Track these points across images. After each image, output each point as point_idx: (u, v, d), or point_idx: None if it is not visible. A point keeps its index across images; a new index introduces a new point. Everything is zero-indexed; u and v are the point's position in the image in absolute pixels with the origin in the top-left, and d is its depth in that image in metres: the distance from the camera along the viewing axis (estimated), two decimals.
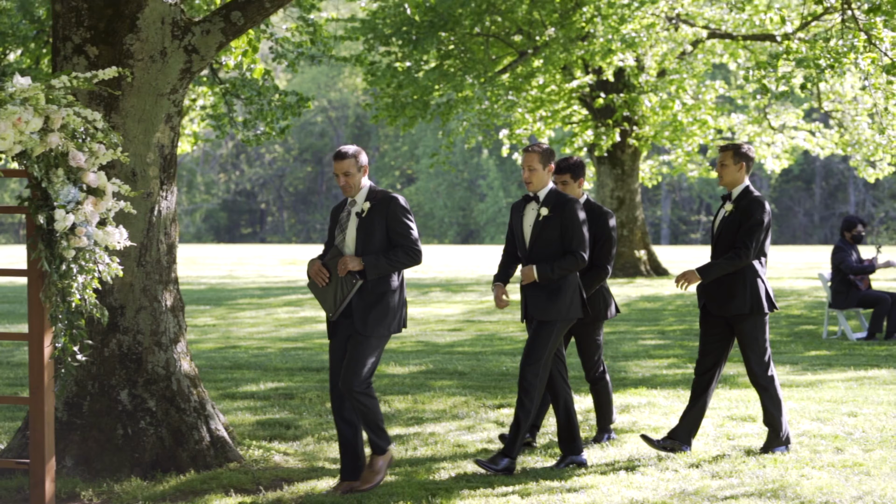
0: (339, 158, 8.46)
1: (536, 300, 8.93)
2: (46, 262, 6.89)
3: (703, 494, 8.05)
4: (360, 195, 8.44)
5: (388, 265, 8.25)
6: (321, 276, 8.34)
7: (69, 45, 8.83)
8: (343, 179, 8.42)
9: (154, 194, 8.90)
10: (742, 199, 9.33)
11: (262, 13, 9.03)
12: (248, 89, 24.05)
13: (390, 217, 8.32)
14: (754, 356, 9.29)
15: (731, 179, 9.41)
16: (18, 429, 9.09)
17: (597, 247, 9.63)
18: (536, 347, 8.89)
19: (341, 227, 8.46)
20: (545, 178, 8.99)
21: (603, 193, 31.97)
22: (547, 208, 8.94)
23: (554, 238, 8.89)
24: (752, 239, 9.21)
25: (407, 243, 8.30)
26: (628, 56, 26.64)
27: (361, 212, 8.38)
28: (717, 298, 9.30)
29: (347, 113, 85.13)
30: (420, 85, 28.29)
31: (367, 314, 8.24)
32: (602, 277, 9.65)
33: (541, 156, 8.96)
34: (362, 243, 8.31)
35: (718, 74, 50.48)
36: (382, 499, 8.05)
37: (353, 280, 8.24)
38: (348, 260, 8.24)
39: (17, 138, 6.61)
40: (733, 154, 9.39)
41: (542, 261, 8.91)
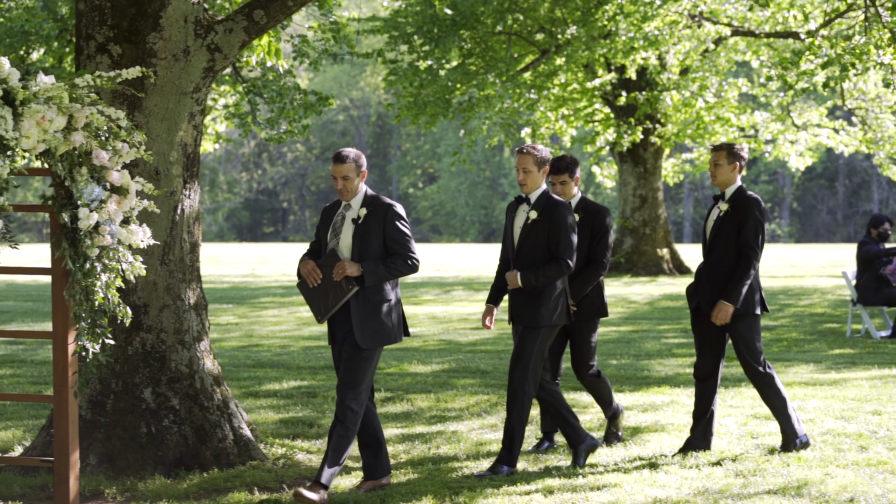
0: (339, 162, 8.22)
1: (522, 305, 8.85)
2: (70, 261, 6.91)
3: (726, 493, 8.02)
4: (355, 200, 8.25)
5: (387, 272, 8.08)
6: (314, 276, 8.16)
7: (92, 43, 8.86)
8: (341, 183, 8.20)
9: (177, 193, 8.92)
10: (737, 198, 9.26)
11: (285, 11, 9.04)
12: (269, 89, 24.09)
13: (388, 224, 8.15)
14: (751, 356, 9.24)
15: (724, 179, 9.35)
16: (42, 427, 9.12)
17: (593, 242, 9.57)
18: (524, 353, 8.81)
19: (335, 230, 8.26)
20: (539, 179, 8.89)
21: (625, 192, 31.91)
22: (536, 211, 8.84)
23: (541, 242, 8.80)
24: (757, 240, 9.18)
25: (404, 251, 8.15)
26: (651, 54, 26.58)
27: (358, 218, 8.19)
28: (713, 298, 9.24)
29: (369, 112, 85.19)
30: (442, 84, 28.28)
31: (365, 326, 8.08)
32: (599, 273, 9.57)
33: (536, 157, 8.84)
34: (359, 250, 8.13)
35: (741, 72, 50.32)
36: (405, 497, 8.05)
37: (349, 286, 8.06)
38: (347, 265, 8.05)
39: (41, 137, 6.64)
40: (727, 154, 9.33)
41: (528, 264, 8.80)
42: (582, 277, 9.51)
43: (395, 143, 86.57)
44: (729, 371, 13.75)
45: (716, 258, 9.28)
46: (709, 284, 9.27)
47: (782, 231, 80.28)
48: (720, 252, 9.26)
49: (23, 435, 10.07)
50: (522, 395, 8.80)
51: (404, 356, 15.47)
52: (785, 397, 9.34)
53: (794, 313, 21.74)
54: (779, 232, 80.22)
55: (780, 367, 14.22)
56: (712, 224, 9.35)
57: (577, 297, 9.52)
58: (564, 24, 27.69)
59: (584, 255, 9.56)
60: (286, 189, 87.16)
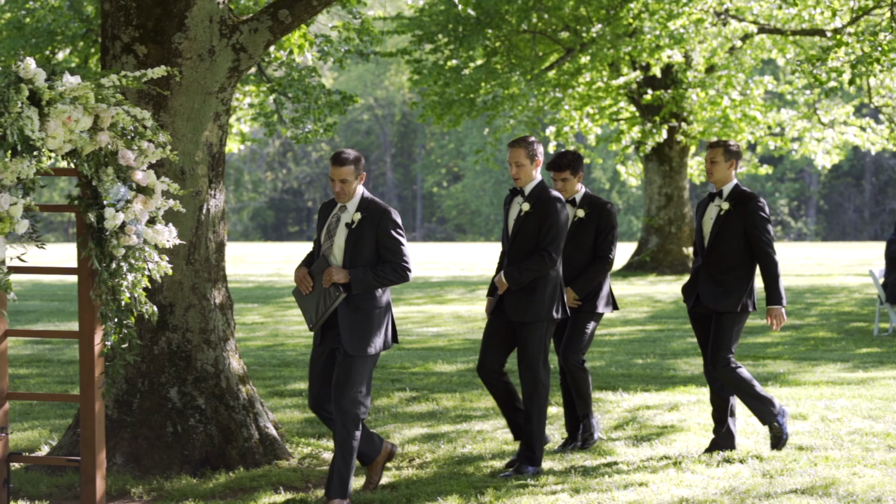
0: (339, 164, 7.89)
1: (517, 302, 8.76)
2: (97, 261, 6.93)
3: (753, 493, 7.98)
4: (352, 203, 7.97)
5: (375, 280, 7.82)
6: (305, 283, 7.98)
7: (118, 43, 8.88)
8: (339, 186, 7.90)
9: (203, 193, 8.93)
10: (738, 197, 9.20)
11: (310, 11, 9.04)
12: (294, 88, 24.14)
13: (381, 231, 7.89)
14: (722, 350, 9.15)
15: (721, 176, 9.28)
16: (69, 426, 9.15)
17: (598, 238, 9.50)
18: (528, 352, 8.76)
19: (329, 233, 8.02)
20: (532, 172, 8.81)
21: (651, 190, 31.82)
22: (529, 204, 8.77)
23: (533, 235, 8.73)
24: (770, 235, 9.18)
25: (396, 259, 7.88)
26: (676, 52, 26.49)
27: (352, 223, 7.93)
28: (713, 293, 9.18)
29: (394, 111, 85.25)
30: (466, 82, 28.27)
31: (354, 333, 7.85)
32: (604, 269, 9.50)
33: (528, 150, 8.76)
34: (351, 255, 7.89)
35: (767, 70, 50.11)
36: (431, 497, 8.04)
37: (337, 293, 7.85)
38: (334, 272, 7.83)
39: (67, 137, 6.65)
40: (724, 151, 9.26)
41: (520, 257, 8.75)
42: (587, 273, 9.46)
43: (419, 143, 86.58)
44: (755, 371, 13.69)
45: (717, 257, 9.20)
46: (710, 283, 9.19)
47: (808, 229, 79.95)
48: (722, 251, 9.18)
49: (49, 434, 10.10)
50: (538, 395, 8.78)
51: (429, 355, 15.47)
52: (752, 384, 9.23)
53: (820, 312, 21.64)
54: (805, 230, 79.88)
55: (806, 366, 14.16)
56: (712, 223, 9.26)
57: (581, 292, 9.46)
58: (589, 22, 27.63)
59: (590, 251, 9.51)
60: (311, 188, 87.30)
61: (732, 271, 9.17)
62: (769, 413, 9.24)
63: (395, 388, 12.66)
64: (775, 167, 37.31)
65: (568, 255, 9.43)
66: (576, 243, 9.50)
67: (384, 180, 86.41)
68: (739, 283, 9.17)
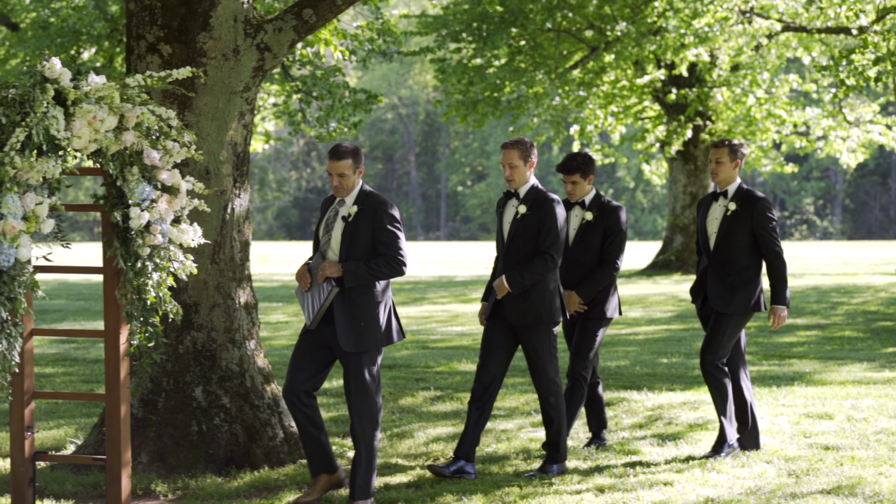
0: (336, 158, 7.83)
1: (516, 306, 8.62)
2: (122, 260, 6.95)
3: (779, 493, 7.94)
4: (350, 197, 7.91)
5: (368, 274, 7.73)
6: (304, 279, 7.88)
7: (143, 43, 8.91)
8: (337, 180, 7.84)
9: (227, 192, 8.95)
10: (744, 196, 9.14)
11: (334, 10, 9.04)
12: (319, 87, 24.17)
13: (376, 224, 7.81)
14: (718, 349, 9.11)
15: (726, 176, 9.21)
16: (95, 425, 9.18)
17: (606, 242, 9.35)
18: (539, 358, 8.64)
19: (327, 227, 7.96)
20: (526, 173, 8.70)
21: (675, 189, 31.73)
22: (525, 206, 8.66)
23: (530, 237, 8.61)
24: (777, 234, 9.14)
25: (391, 252, 7.79)
26: (701, 51, 26.40)
27: (349, 216, 7.86)
28: (720, 294, 9.12)
29: (418, 110, 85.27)
30: (491, 81, 28.25)
31: (348, 328, 7.76)
32: (610, 275, 9.33)
33: (521, 151, 8.65)
34: (347, 249, 7.82)
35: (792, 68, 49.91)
36: (455, 496, 8.03)
37: (330, 287, 7.77)
38: (327, 266, 7.75)
39: (92, 136, 6.68)
40: (729, 150, 9.19)
41: (518, 259, 8.63)
42: (593, 278, 9.30)
43: (443, 141, 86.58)
44: (780, 370, 13.64)
45: (724, 257, 9.13)
46: (717, 283, 9.12)
47: (834, 228, 79.60)
48: (729, 251, 9.12)
49: (75, 433, 10.14)
50: (554, 395, 8.71)
51: (453, 354, 15.47)
52: (728, 395, 9.19)
53: (846, 311, 21.53)
54: (831, 229, 79.54)
55: (832, 365, 14.09)
56: (717, 223, 9.20)
57: (587, 297, 9.29)
58: (614, 20, 27.57)
59: (597, 255, 9.36)
60: None
61: (740, 272, 9.10)
62: (730, 435, 9.16)
63: (420, 387, 12.66)
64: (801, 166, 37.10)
65: (574, 259, 9.34)
66: (583, 247, 9.36)
67: (408, 179, 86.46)
68: (746, 283, 9.09)
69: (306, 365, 7.92)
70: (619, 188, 79.56)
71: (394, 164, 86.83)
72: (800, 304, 23.06)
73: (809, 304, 22.87)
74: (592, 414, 9.73)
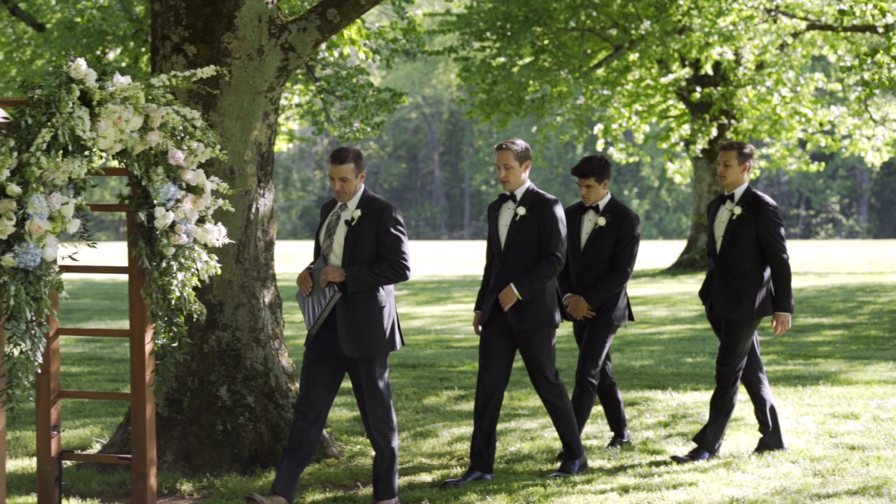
0: (338, 162, 7.69)
1: (516, 309, 8.48)
2: (147, 260, 6.97)
3: (804, 493, 7.91)
4: (352, 202, 7.78)
5: (371, 278, 7.60)
6: (305, 284, 7.74)
7: (168, 43, 8.93)
8: (339, 185, 7.70)
9: (252, 192, 8.97)
10: (750, 200, 9.04)
11: (358, 10, 9.05)
12: (343, 87, 24.20)
13: (381, 228, 7.68)
14: (734, 358, 9.02)
15: (733, 179, 9.11)
16: (120, 424, 9.22)
17: (618, 248, 9.19)
18: (538, 360, 8.53)
19: (329, 231, 7.82)
20: (521, 175, 8.58)
21: (700, 188, 31.64)
22: (525, 207, 8.53)
23: (531, 239, 8.48)
24: (783, 240, 9.00)
25: (394, 256, 7.65)
26: (726, 49, 26.31)
27: (352, 220, 7.73)
28: (725, 300, 9.03)
29: (441, 109, 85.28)
30: (514, 80, 28.23)
31: (351, 334, 7.63)
32: (622, 281, 9.18)
33: (516, 153, 8.52)
34: (350, 253, 7.69)
35: (818, 66, 49.68)
36: (479, 495, 8.03)
37: (331, 293, 7.64)
38: (330, 271, 7.62)
39: (117, 137, 6.70)
40: (737, 154, 9.08)
41: (517, 263, 8.48)
42: (602, 284, 9.16)
43: (467, 141, 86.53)
44: (806, 369, 13.59)
45: (730, 261, 9.03)
46: (723, 288, 9.04)
47: (860, 227, 79.22)
48: (735, 255, 9.01)
49: (101, 432, 10.19)
50: (557, 397, 8.60)
51: (477, 354, 15.45)
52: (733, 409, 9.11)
53: (872, 311, 21.43)
54: (857, 228, 79.16)
55: (858, 365, 14.02)
56: (724, 227, 9.10)
57: (595, 304, 9.16)
58: (638, 19, 27.52)
59: (608, 261, 9.22)
60: None
61: (745, 276, 8.99)
62: (712, 443, 9.09)
63: (444, 386, 12.67)
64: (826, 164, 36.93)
65: (585, 263, 9.23)
66: (594, 252, 9.23)
67: (432, 178, 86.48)
68: (752, 288, 8.97)
69: (319, 377, 7.74)
70: (643, 187, 79.40)
71: (417, 163, 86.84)
72: (825, 303, 22.96)
73: (835, 304, 22.77)
74: (610, 414, 9.67)
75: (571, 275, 9.35)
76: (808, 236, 78.41)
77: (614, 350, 15.85)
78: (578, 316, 9.22)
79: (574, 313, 9.23)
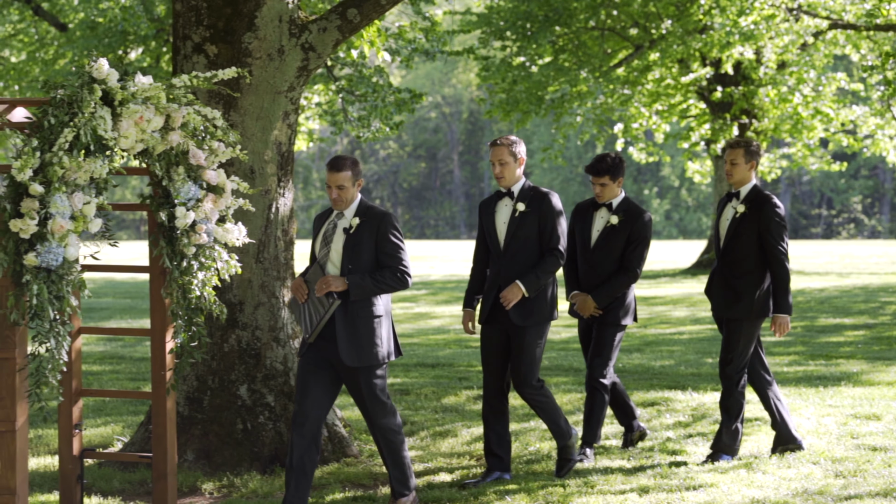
0: (335, 170, 7.59)
1: (519, 307, 8.39)
2: (167, 259, 6.99)
3: (826, 494, 7.88)
4: (349, 210, 7.68)
5: (374, 287, 7.51)
6: (301, 292, 7.61)
7: (189, 44, 8.96)
8: (336, 193, 7.59)
9: (272, 191, 8.99)
10: (754, 198, 8.96)
11: (378, 10, 9.05)
12: (363, 86, 24.22)
13: (380, 235, 7.60)
14: (738, 358, 8.96)
15: (740, 178, 9.05)
16: (141, 423, 9.25)
17: (628, 248, 9.11)
18: (525, 355, 8.42)
19: (326, 240, 7.69)
20: (516, 171, 8.52)
21: (721, 188, 31.56)
22: (524, 203, 8.47)
23: (531, 235, 8.42)
24: (783, 241, 8.89)
25: (395, 264, 7.58)
26: (747, 49, 26.24)
27: (350, 227, 7.63)
28: (724, 299, 8.98)
29: (461, 109, 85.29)
30: (534, 80, 28.21)
31: (351, 342, 7.52)
32: (630, 282, 9.11)
33: (510, 149, 8.47)
34: (349, 261, 7.58)
35: (840, 66, 49.48)
36: (498, 495, 8.03)
37: (330, 301, 7.50)
38: (331, 280, 7.48)
39: (139, 137, 6.72)
40: (744, 152, 9.02)
41: (518, 259, 8.42)
42: (611, 284, 9.08)
43: (486, 140, 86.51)
44: (828, 370, 13.54)
45: (732, 260, 8.97)
46: (724, 288, 8.99)
47: (882, 227, 78.90)
48: (737, 254, 8.95)
49: (122, 431, 10.22)
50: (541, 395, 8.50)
51: None
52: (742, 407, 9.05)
53: (894, 311, 21.34)
54: (879, 228, 78.84)
55: (880, 365, 13.97)
56: (729, 224, 9.04)
57: (602, 303, 9.09)
58: (659, 18, 27.47)
59: (618, 260, 9.14)
60: (379, 186, 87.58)
61: (746, 276, 8.91)
62: (730, 447, 9.02)
63: (463, 386, 12.66)
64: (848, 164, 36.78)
65: (595, 262, 9.16)
66: (605, 251, 9.15)
67: (451, 178, 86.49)
68: (752, 287, 8.90)
69: (315, 388, 7.62)
70: (663, 187, 79.22)
71: (437, 162, 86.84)
72: (847, 303, 22.87)
73: (857, 304, 22.68)
74: (617, 408, 9.58)
75: (579, 272, 9.27)
76: (829, 236, 78.13)
77: (634, 351, 15.82)
78: (585, 314, 9.17)
79: (581, 311, 9.18)
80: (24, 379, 6.47)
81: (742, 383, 9.02)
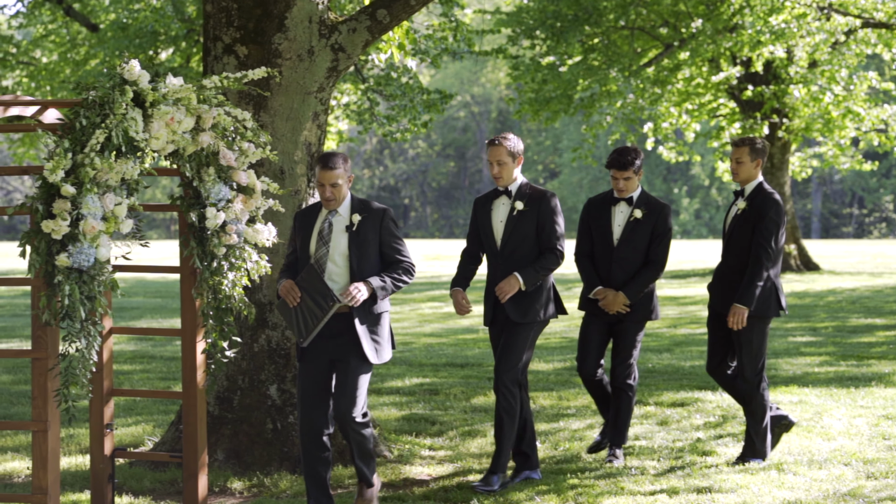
0: (329, 168, 7.47)
1: (511, 304, 8.37)
2: (198, 260, 7.03)
3: (857, 496, 7.84)
4: (343, 207, 7.59)
5: (394, 287, 7.50)
6: (293, 295, 7.44)
7: (219, 44, 8.99)
8: (329, 191, 7.49)
9: (301, 192, 9.00)
10: (756, 196, 8.88)
11: (408, 10, 9.06)
12: (393, 87, 24.26)
13: (384, 231, 7.58)
14: (752, 362, 8.88)
15: (746, 176, 8.94)
16: (172, 422, 9.29)
17: (653, 243, 9.05)
18: (515, 351, 8.37)
19: (323, 239, 7.53)
20: (514, 171, 8.47)
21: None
22: (522, 202, 8.43)
23: (529, 234, 8.38)
24: (771, 241, 8.76)
25: (402, 258, 7.58)
26: (778, 48, 26.11)
27: (352, 225, 7.54)
28: (725, 297, 8.89)
29: (490, 108, 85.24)
30: (564, 79, 28.18)
31: (371, 341, 7.50)
32: (656, 275, 9.05)
33: (508, 149, 8.43)
34: (357, 259, 7.49)
35: (871, 65, 49.19)
36: (528, 496, 8.02)
37: (329, 304, 7.36)
38: (361, 287, 7.35)
39: (169, 137, 6.75)
40: (750, 150, 8.93)
41: (516, 258, 8.39)
42: (640, 278, 9.01)
43: None
44: (859, 371, 13.47)
45: (733, 258, 8.90)
46: (724, 286, 8.92)
47: None
48: (737, 251, 8.88)
49: (152, 430, 10.27)
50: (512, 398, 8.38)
51: None
52: (766, 412, 8.96)
53: None
54: None
55: None
56: (731, 222, 8.98)
57: (633, 298, 9.00)
58: (689, 17, 27.38)
59: (643, 253, 9.07)
60: (408, 185, 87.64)
61: (744, 274, 8.82)
62: (762, 451, 8.94)
63: (491, 385, 12.63)
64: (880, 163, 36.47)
65: (620, 257, 9.06)
66: (630, 245, 9.06)
67: (480, 177, 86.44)
68: None
69: (320, 396, 7.58)
70: (693, 186, 78.95)
71: (466, 161, 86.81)
72: (878, 303, 22.74)
73: (888, 304, 22.55)
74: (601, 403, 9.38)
75: (601, 269, 9.15)
76: (861, 235, 77.68)
77: (664, 351, 15.78)
78: (612, 311, 9.06)
79: (608, 308, 9.05)
80: (56, 378, 6.51)
81: (763, 385, 8.97)
